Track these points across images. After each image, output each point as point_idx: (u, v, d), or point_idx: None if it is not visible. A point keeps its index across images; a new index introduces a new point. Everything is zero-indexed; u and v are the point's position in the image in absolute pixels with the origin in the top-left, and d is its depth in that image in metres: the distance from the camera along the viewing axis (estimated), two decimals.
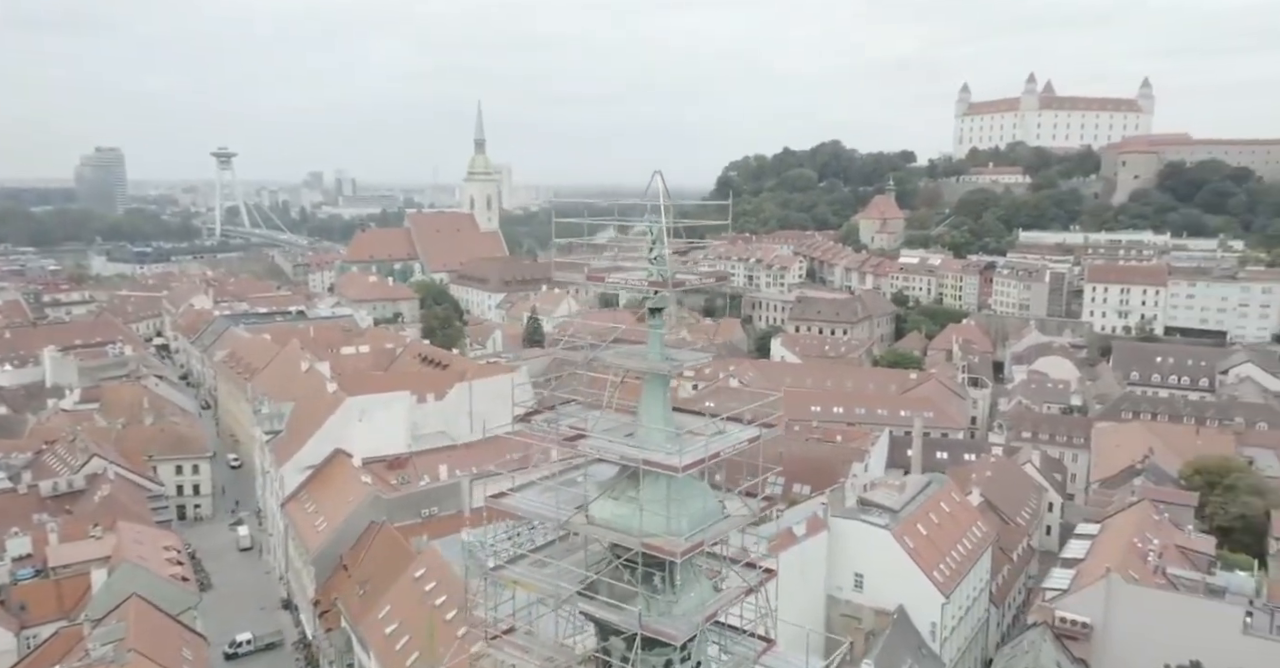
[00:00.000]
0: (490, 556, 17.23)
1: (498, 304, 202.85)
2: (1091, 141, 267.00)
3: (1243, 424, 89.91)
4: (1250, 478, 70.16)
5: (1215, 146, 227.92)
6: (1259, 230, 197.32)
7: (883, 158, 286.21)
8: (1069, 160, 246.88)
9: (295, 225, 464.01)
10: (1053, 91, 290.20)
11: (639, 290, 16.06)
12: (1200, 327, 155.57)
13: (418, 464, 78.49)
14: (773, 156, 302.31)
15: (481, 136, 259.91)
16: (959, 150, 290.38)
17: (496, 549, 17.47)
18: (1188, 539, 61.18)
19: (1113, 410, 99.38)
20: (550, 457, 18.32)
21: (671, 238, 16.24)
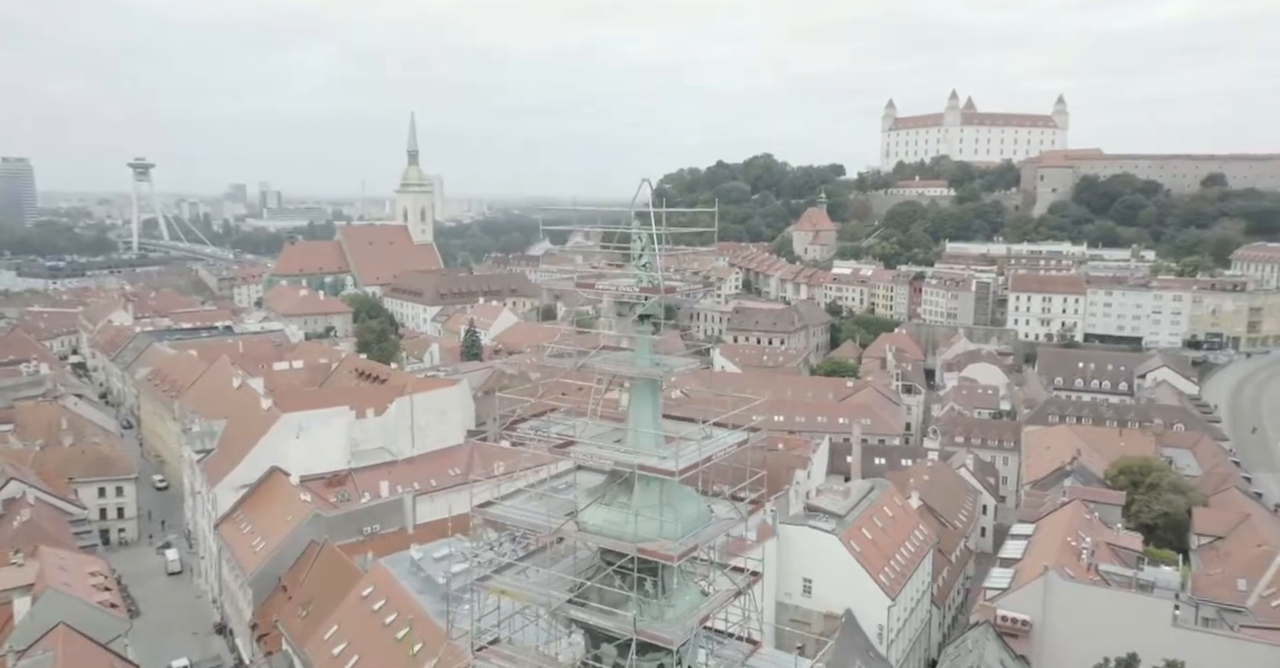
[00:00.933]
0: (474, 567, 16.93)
1: (433, 317, 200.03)
2: (1011, 156, 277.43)
3: (1161, 426, 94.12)
4: (1171, 477, 73.44)
5: (1126, 161, 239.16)
6: (1168, 241, 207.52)
7: (813, 171, 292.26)
8: (991, 174, 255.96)
9: (218, 238, 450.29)
10: (974, 108, 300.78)
11: (631, 297, 16.09)
12: (1117, 333, 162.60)
13: (358, 481, 76.66)
14: (706, 169, 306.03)
15: (415, 148, 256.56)
16: (886, 164, 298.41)
17: (480, 560, 17.19)
18: (1116, 537, 63.63)
19: (1040, 415, 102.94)
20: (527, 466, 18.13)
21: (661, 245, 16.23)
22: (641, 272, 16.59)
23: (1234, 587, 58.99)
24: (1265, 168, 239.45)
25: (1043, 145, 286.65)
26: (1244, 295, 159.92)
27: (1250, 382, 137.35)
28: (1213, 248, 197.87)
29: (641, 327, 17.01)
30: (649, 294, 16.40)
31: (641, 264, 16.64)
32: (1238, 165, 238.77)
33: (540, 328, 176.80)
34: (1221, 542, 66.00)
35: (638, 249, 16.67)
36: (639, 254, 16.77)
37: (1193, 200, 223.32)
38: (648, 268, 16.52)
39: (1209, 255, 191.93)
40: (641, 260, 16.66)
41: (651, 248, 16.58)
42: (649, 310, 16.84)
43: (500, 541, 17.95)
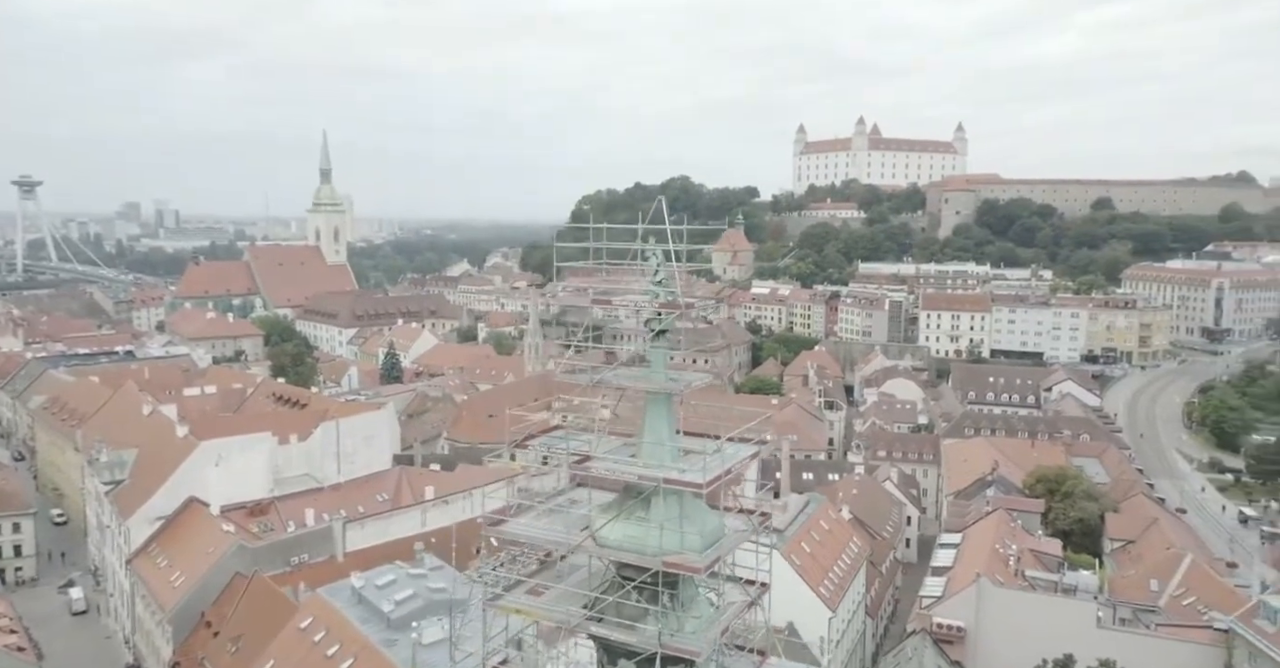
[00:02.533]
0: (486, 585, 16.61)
1: (349, 340, 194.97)
2: (916, 180, 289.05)
3: (1070, 437, 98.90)
4: (1084, 485, 77.17)
5: (1023, 185, 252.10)
6: (1063, 261, 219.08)
7: (729, 193, 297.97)
8: (898, 197, 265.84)
9: (111, 259, 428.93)
10: (879, 134, 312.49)
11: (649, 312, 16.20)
12: (1021, 349, 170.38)
13: (282, 510, 73.90)
14: (624, 190, 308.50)
15: (327, 166, 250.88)
16: (799, 187, 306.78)
17: (487, 580, 16.88)
18: (1038, 543, 66.44)
19: (957, 428, 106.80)
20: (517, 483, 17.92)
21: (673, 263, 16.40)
22: (658, 288, 16.71)
23: (1147, 587, 62.10)
24: (1148, 193, 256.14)
25: (945, 170, 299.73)
26: (1135, 312, 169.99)
27: (1144, 393, 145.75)
28: (1104, 268, 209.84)
29: (656, 342, 17.12)
30: (668, 310, 16.48)
31: (657, 281, 16.76)
32: (1123, 190, 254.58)
33: (463, 349, 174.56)
34: (1133, 545, 69.58)
35: (653, 265, 16.79)
36: (655, 271, 16.87)
37: (1084, 223, 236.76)
38: (664, 284, 16.65)
39: (1101, 275, 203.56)
40: (657, 277, 16.78)
41: (667, 265, 16.70)
42: (663, 326, 16.93)
43: (501, 561, 17.64)
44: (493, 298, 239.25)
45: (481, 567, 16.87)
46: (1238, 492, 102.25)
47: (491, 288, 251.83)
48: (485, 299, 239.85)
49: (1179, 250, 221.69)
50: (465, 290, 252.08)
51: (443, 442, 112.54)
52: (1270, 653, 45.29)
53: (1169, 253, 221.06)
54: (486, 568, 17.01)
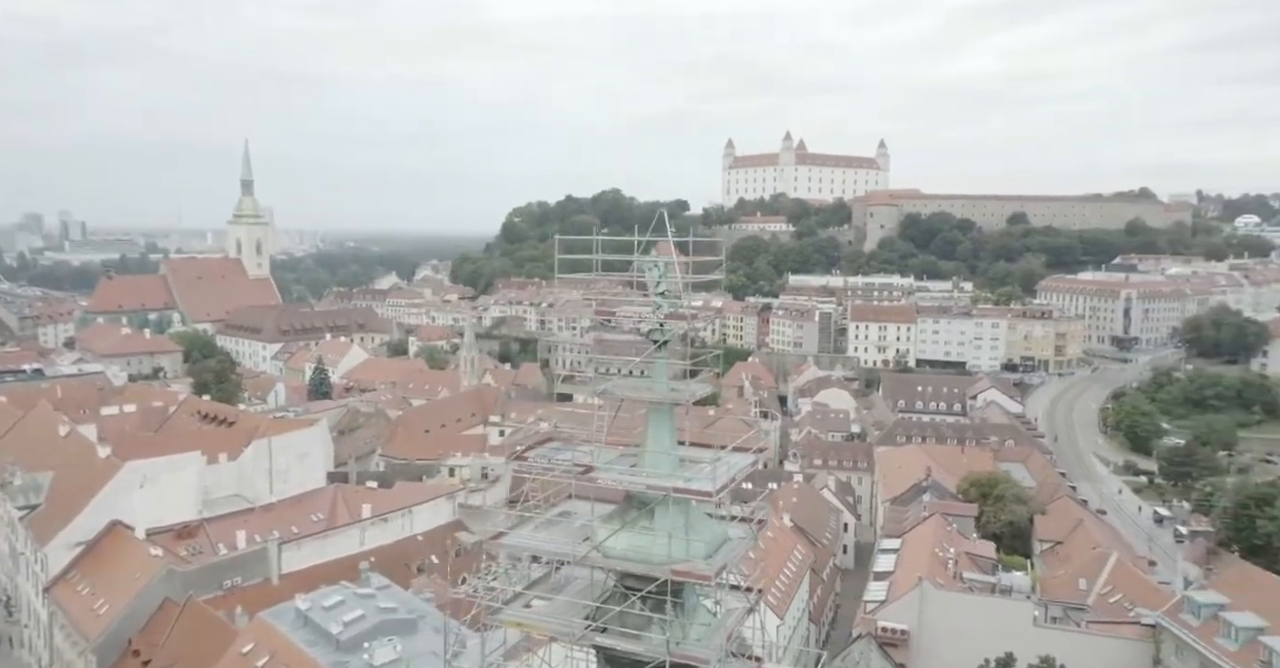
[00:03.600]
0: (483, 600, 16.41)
1: (274, 355, 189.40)
2: (842, 194, 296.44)
3: (997, 443, 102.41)
4: (1013, 489, 80.00)
5: (943, 200, 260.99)
6: (982, 273, 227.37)
7: (660, 206, 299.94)
8: (825, 211, 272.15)
9: (11, 273, 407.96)
10: (805, 149, 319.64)
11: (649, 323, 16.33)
12: (945, 358, 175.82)
13: (211, 532, 71.33)
14: (556, 203, 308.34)
15: (249, 176, 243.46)
16: (728, 200, 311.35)
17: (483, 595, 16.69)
18: (973, 546, 68.54)
19: (889, 436, 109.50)
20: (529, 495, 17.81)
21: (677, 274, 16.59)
22: (661, 299, 16.88)
23: (1075, 586, 64.59)
24: (1059, 207, 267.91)
25: (868, 185, 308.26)
26: (1051, 322, 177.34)
27: (1061, 400, 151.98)
28: (1020, 279, 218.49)
29: (659, 353, 17.26)
30: (673, 321, 16.65)
31: (660, 292, 16.93)
32: (1037, 205, 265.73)
33: (394, 364, 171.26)
34: (1060, 546, 72.32)
35: (655, 277, 16.96)
36: (657, 282, 17.04)
37: (1001, 236, 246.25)
38: (667, 296, 16.82)
39: (1018, 286, 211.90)
40: (660, 288, 16.95)
41: (670, 277, 16.88)
42: (663, 337, 17.09)
43: (495, 575, 17.45)
44: (423, 311, 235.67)
45: (477, 581, 16.65)
46: (1152, 493, 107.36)
47: (422, 301, 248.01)
48: (416, 312, 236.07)
49: (1089, 263, 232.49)
50: (395, 304, 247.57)
51: (377, 458, 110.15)
52: (1196, 646, 47.59)
53: (1080, 265, 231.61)
54: (483, 583, 16.79)
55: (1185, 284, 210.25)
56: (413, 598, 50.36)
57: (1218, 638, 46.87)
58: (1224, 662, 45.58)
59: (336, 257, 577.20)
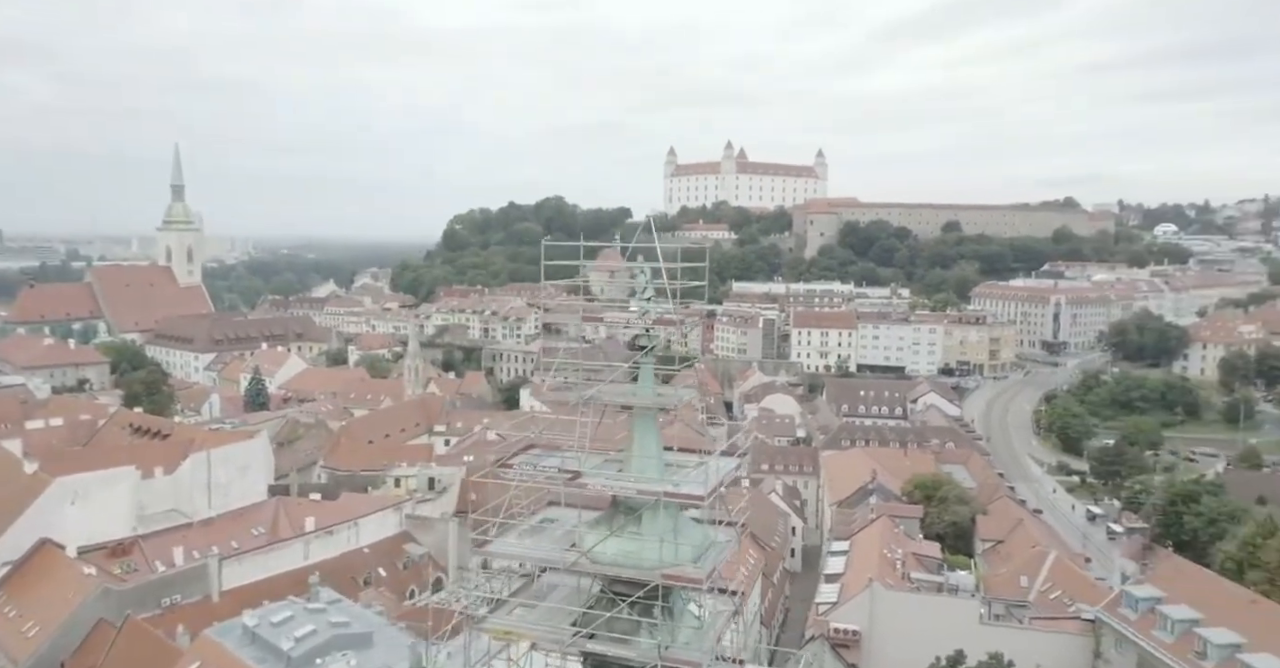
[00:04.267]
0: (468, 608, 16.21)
1: (207, 366, 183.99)
2: (782, 202, 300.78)
3: (938, 445, 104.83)
4: (956, 490, 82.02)
5: (880, 208, 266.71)
6: (919, 280, 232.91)
7: (603, 214, 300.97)
8: (766, 219, 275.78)
9: None
10: (746, 158, 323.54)
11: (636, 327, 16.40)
12: (884, 363, 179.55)
13: (147, 549, 68.88)
14: (498, 210, 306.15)
15: (180, 182, 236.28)
16: (670, 207, 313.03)
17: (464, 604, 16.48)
18: (919, 546, 69.98)
19: (834, 440, 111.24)
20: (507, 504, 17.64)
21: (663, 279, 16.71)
22: (647, 304, 16.94)
23: (1017, 584, 66.35)
24: (991, 216, 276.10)
25: (808, 193, 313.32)
26: (985, 328, 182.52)
27: (996, 403, 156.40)
28: (955, 286, 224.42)
29: (644, 358, 17.31)
30: (661, 325, 16.72)
31: (645, 297, 16.99)
32: (969, 214, 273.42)
33: (334, 373, 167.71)
34: (1001, 545, 74.33)
35: (642, 283, 17.02)
36: (643, 288, 17.12)
37: (936, 244, 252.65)
38: (653, 301, 16.90)
39: (953, 292, 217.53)
40: (645, 294, 17.02)
41: (656, 282, 16.98)
42: (647, 342, 17.16)
43: (475, 584, 17.25)
44: (363, 320, 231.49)
45: (458, 590, 16.42)
46: (1084, 492, 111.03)
47: (361, 309, 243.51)
48: (355, 321, 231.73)
49: (1019, 270, 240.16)
50: (333, 312, 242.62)
51: (319, 470, 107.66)
52: (1134, 639, 49.35)
53: (1011, 272, 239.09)
54: (463, 590, 16.58)
55: (1110, 290, 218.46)
56: (365, 612, 49.33)
57: (1155, 631, 48.68)
58: (1161, 653, 47.35)
59: (270, 264, 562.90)
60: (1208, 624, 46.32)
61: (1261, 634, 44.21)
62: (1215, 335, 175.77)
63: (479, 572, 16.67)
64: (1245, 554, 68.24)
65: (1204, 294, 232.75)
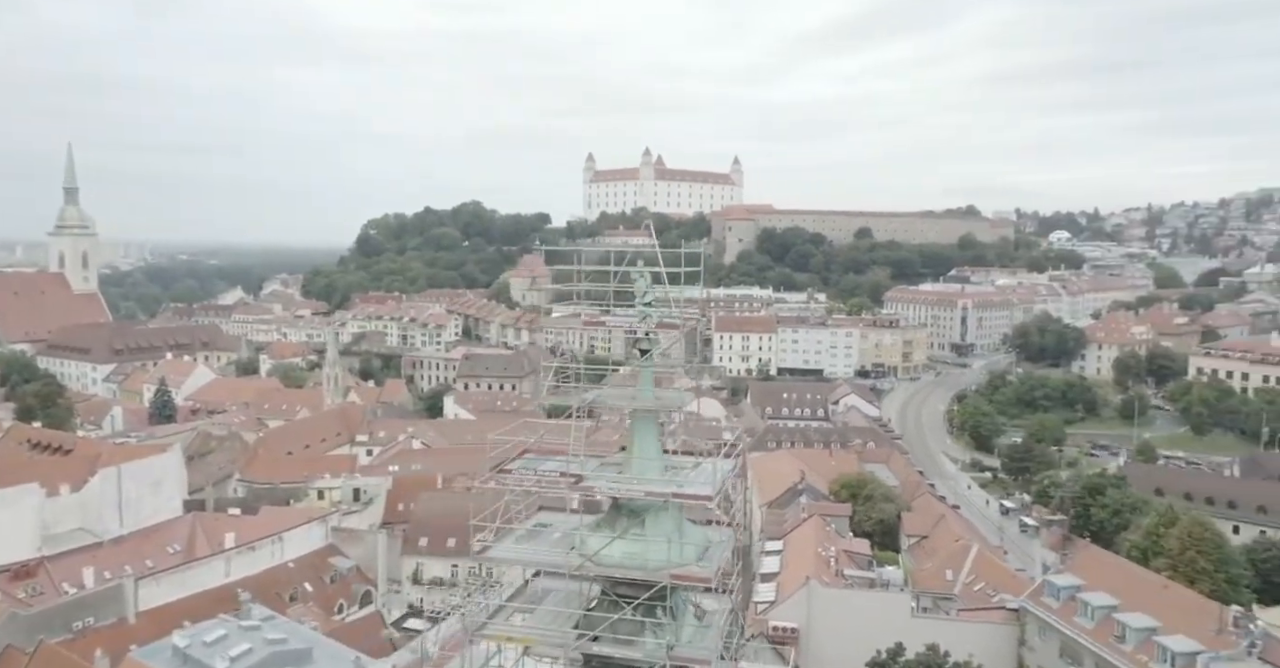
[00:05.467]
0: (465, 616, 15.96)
1: (106, 377, 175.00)
2: (701, 209, 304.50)
3: (860, 445, 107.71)
4: (881, 489, 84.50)
5: (795, 215, 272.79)
6: (834, 285, 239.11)
7: (522, 219, 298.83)
8: (686, 225, 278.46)
9: None
10: (664, 165, 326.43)
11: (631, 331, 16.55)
12: (803, 366, 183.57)
13: (54, 570, 65.24)
14: (414, 215, 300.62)
15: (73, 184, 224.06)
16: (590, 213, 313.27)
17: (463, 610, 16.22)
18: (849, 544, 71.74)
19: (760, 442, 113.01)
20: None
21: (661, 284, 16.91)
22: (648, 309, 17.04)
23: (943, 577, 68.75)
24: (900, 223, 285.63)
25: (725, 200, 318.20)
26: (898, 331, 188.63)
27: (911, 403, 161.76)
28: (868, 291, 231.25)
29: (644, 361, 17.38)
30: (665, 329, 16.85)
31: (646, 302, 17.12)
32: (879, 221, 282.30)
33: (246, 383, 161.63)
34: (926, 540, 76.86)
35: (642, 287, 17.15)
36: (643, 293, 17.27)
37: (850, 250, 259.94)
38: (654, 305, 17.03)
39: (867, 297, 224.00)
40: (646, 298, 17.15)
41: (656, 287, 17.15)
42: (646, 345, 17.26)
43: (469, 592, 16.99)
44: (274, 327, 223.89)
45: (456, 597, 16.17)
46: (996, 487, 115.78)
47: (272, 317, 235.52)
48: (265, 329, 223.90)
49: (928, 275, 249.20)
50: (241, 320, 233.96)
51: (235, 483, 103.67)
52: (1057, 626, 51.74)
53: (920, 277, 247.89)
54: (459, 598, 16.32)
55: (1012, 294, 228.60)
56: (301, 628, 47.77)
57: (1076, 617, 51.13)
58: (1083, 639, 49.78)
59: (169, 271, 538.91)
60: (1125, 610, 48.90)
61: (1174, 617, 46.97)
62: (1109, 337, 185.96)
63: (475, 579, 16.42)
64: (1149, 543, 72.43)
65: (1097, 297, 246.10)
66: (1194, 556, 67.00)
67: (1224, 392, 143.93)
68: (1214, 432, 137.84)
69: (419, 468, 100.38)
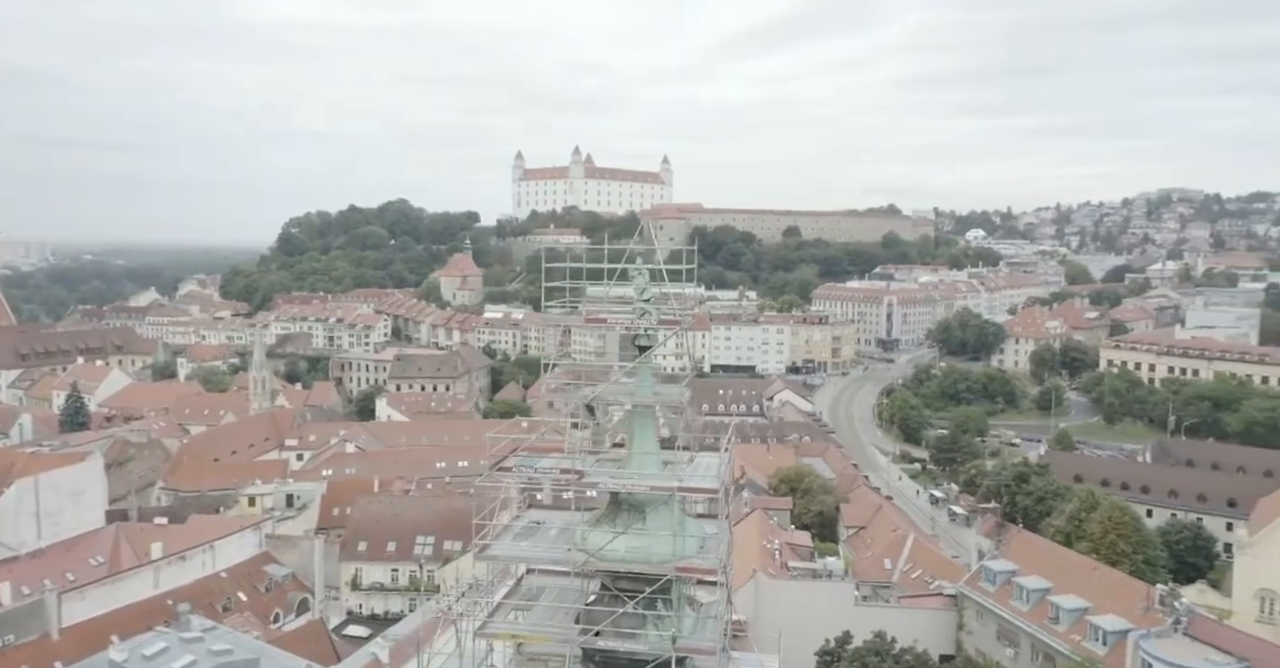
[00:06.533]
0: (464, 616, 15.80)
1: (11, 383, 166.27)
2: (631, 207, 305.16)
3: (796, 439, 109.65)
4: (819, 481, 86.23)
5: (725, 214, 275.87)
6: (764, 283, 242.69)
7: (451, 217, 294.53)
8: (617, 223, 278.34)
9: None
10: (593, 163, 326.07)
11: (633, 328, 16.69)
12: (737, 363, 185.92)
13: None
14: (338, 213, 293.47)
15: None
16: (520, 212, 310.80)
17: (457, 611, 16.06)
18: (791, 536, 73.02)
19: (699, 438, 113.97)
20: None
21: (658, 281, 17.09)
22: (647, 305, 17.15)
23: (882, 566, 70.59)
24: (826, 222, 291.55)
25: (655, 199, 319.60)
26: (828, 327, 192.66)
27: (842, 397, 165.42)
28: (797, 288, 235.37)
29: (642, 357, 17.47)
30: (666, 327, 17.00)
31: (645, 299, 17.25)
32: (807, 220, 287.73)
33: (164, 388, 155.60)
34: (864, 530, 78.78)
35: (640, 284, 17.28)
36: (642, 290, 17.41)
37: (779, 249, 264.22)
38: (653, 302, 17.15)
39: (796, 294, 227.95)
40: (645, 296, 17.28)
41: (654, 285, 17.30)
42: (647, 342, 17.39)
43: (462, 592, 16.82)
44: (192, 330, 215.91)
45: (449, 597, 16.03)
46: (925, 478, 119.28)
47: (189, 319, 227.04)
48: (183, 332, 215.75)
49: (854, 272, 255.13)
50: (156, 322, 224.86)
51: (159, 492, 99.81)
52: (994, 610, 53.75)
53: (846, 274, 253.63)
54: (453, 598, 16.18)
55: (934, 291, 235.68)
56: (245, 638, 46.22)
57: (1012, 601, 53.22)
58: (1019, 621, 51.85)
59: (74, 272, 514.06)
60: (1058, 592, 51.11)
61: (1104, 598, 49.30)
62: (1026, 331, 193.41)
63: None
64: (1072, 528, 75.74)
65: (1013, 294, 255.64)
66: (1114, 539, 70.37)
67: (1133, 382, 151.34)
68: (1124, 420, 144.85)
69: (354, 472, 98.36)
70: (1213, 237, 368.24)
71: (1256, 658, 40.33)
